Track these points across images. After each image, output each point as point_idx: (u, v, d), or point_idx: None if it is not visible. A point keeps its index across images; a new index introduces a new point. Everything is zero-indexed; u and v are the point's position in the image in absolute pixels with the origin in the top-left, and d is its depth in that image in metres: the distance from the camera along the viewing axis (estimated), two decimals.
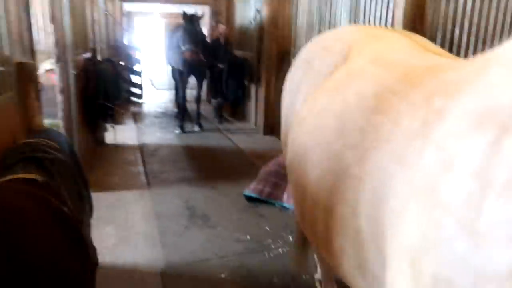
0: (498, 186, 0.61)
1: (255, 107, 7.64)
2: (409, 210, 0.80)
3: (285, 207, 4.12)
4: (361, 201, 1.03)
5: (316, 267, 2.80)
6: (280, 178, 4.29)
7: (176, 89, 8.21)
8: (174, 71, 7.98)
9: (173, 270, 2.99)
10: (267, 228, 3.71)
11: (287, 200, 4.09)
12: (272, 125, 6.78)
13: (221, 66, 7.66)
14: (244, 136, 7.08)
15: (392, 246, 0.86)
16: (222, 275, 2.95)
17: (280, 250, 3.35)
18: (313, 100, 1.52)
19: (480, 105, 0.72)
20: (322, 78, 1.60)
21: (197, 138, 7.00)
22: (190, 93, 8.12)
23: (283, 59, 6.59)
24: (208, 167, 5.49)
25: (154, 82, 13.60)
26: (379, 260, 0.97)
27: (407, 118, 0.93)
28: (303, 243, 2.51)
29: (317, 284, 2.77)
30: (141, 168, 5.18)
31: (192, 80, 7.68)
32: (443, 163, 0.74)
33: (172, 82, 8.64)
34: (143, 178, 4.84)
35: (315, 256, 2.63)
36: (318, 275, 2.80)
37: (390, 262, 0.87)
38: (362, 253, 1.05)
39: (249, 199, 4.27)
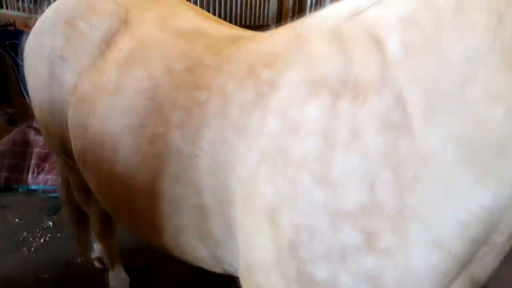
0: (342, 141, 0.78)
1: None
2: (261, 173, 0.89)
3: (32, 190, 3.53)
4: (202, 177, 1.04)
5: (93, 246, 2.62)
6: (19, 157, 3.61)
7: None
8: None
9: None
10: (17, 220, 3.11)
11: (33, 180, 3.52)
12: None
13: None
14: None
15: (245, 209, 0.94)
16: None
17: (42, 240, 2.90)
18: (98, 74, 1.33)
19: (312, 75, 0.86)
20: (96, 46, 1.39)
21: None
22: None
23: None
24: None
25: None
26: (224, 228, 1.05)
27: (237, 92, 0.99)
28: (79, 223, 2.29)
29: (96, 263, 2.62)
30: None
31: None
32: (289, 128, 0.86)
33: None
34: None
35: (93, 236, 2.45)
36: (96, 253, 2.64)
37: (244, 224, 0.96)
38: (206, 225, 1.09)
39: None
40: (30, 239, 2.90)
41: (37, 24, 1.63)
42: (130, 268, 2.62)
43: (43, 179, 3.50)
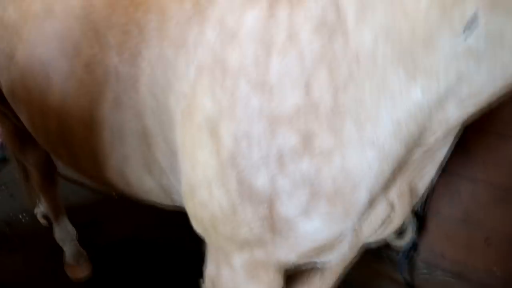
0: (278, 45, 0.77)
1: None
2: (200, 86, 0.87)
3: None
4: (142, 99, 1.00)
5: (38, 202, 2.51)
6: None
7: None
8: None
9: None
10: None
11: None
12: None
13: None
14: None
15: (185, 126, 0.92)
16: None
17: None
18: (23, 1, 1.22)
19: None
20: None
21: None
22: None
23: None
24: None
25: None
26: (168, 153, 1.02)
27: (175, 6, 0.94)
28: (26, 176, 2.16)
29: (40, 218, 2.52)
30: None
31: None
32: (226, 37, 0.83)
33: None
34: None
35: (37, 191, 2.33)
36: (40, 208, 2.53)
37: (185, 142, 0.94)
38: (149, 152, 1.06)
39: None
40: None
41: None
42: (79, 223, 2.55)
43: None
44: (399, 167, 0.82)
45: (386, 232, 1.03)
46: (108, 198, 2.99)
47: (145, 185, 1.16)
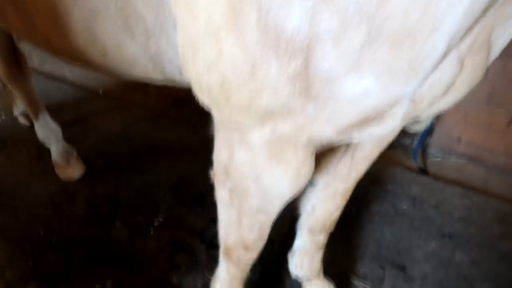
0: None
1: None
2: None
3: None
4: None
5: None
6: None
7: None
8: None
9: None
10: None
11: None
12: None
13: None
14: None
15: None
16: None
17: None
18: None
19: None
20: None
21: None
22: None
23: None
24: None
25: None
26: (153, 3, 0.74)
27: None
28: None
29: (21, 118, 2.29)
30: None
31: None
32: None
33: None
34: None
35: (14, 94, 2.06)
36: (18, 110, 2.29)
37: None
38: (128, 4, 0.77)
39: None
40: None
41: None
42: (64, 122, 2.33)
43: None
44: (488, 5, 0.55)
45: (443, 104, 0.79)
46: (93, 94, 2.73)
47: (126, 54, 0.89)
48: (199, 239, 1.68)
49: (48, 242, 1.63)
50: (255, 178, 0.74)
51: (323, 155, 0.99)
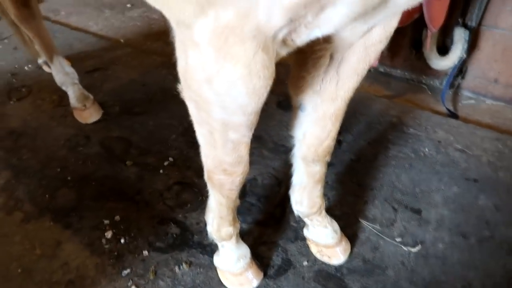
0: None
1: None
2: None
3: None
4: None
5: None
6: None
7: None
8: None
9: None
10: None
11: None
12: None
13: None
14: None
15: None
16: None
17: None
18: None
19: None
20: None
21: None
22: None
23: None
24: None
25: None
26: None
27: None
28: (16, 25, 1.92)
29: (45, 67, 2.36)
30: None
31: None
32: None
33: None
34: None
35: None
36: (42, 58, 2.36)
37: None
38: None
39: None
40: None
41: None
42: (84, 69, 2.38)
43: None
44: None
45: None
46: (115, 44, 2.75)
47: None
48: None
49: (64, 179, 1.70)
50: (208, 81, 0.68)
51: (307, 72, 0.91)
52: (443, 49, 1.94)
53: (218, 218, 1.14)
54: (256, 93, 0.68)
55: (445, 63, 1.90)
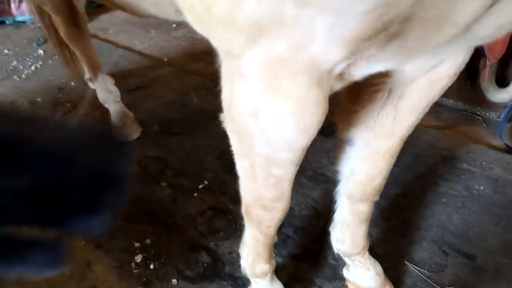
0: None
1: None
2: None
3: (21, 22, 3.21)
4: None
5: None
6: None
7: None
8: None
9: None
10: (6, 51, 2.87)
11: (18, 10, 3.16)
12: None
13: None
14: None
15: None
16: None
17: (33, 67, 2.69)
18: None
19: None
20: None
21: None
22: None
23: None
24: None
25: None
26: None
27: None
28: (63, 45, 1.98)
29: (90, 84, 2.41)
30: None
31: None
32: None
33: None
34: None
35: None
36: (87, 75, 2.41)
37: None
38: None
39: None
40: (21, 67, 2.69)
41: None
42: (127, 87, 2.41)
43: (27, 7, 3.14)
44: None
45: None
46: (158, 63, 2.79)
47: None
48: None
49: None
50: (255, 115, 0.62)
51: (360, 105, 0.83)
52: (502, 81, 1.80)
53: (254, 254, 1.07)
54: (307, 130, 0.61)
55: (503, 96, 1.76)
